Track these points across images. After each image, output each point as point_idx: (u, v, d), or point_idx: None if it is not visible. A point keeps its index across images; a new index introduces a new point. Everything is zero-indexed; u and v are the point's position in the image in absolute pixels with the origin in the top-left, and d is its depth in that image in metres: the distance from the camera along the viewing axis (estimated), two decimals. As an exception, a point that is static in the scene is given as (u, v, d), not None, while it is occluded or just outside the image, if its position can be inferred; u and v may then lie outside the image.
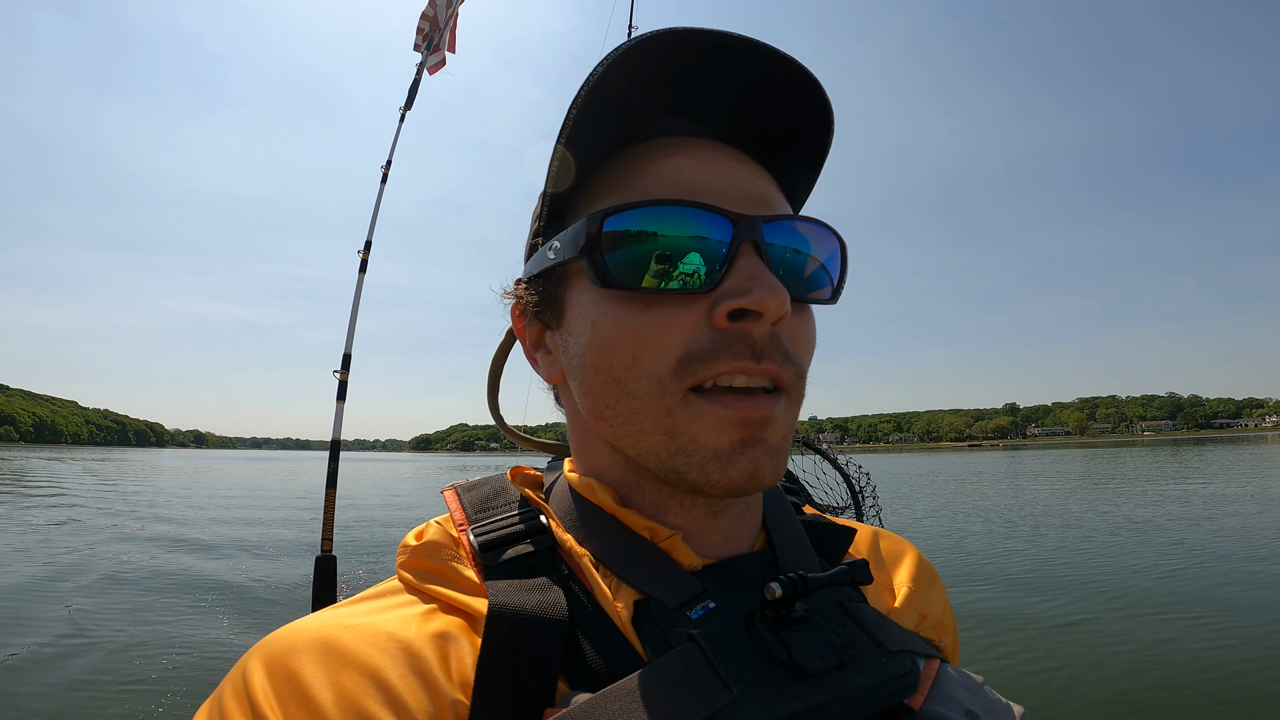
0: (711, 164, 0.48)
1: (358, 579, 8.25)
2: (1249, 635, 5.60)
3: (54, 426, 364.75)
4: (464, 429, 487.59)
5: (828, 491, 2.80)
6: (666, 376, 0.44)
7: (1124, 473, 28.83)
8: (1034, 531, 11.82)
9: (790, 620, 0.42)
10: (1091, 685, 4.74)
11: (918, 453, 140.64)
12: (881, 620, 0.47)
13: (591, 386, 0.48)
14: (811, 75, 0.47)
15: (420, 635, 0.42)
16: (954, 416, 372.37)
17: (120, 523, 13.93)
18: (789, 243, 0.47)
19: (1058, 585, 7.64)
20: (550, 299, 0.52)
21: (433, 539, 0.49)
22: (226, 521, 14.91)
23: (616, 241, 0.44)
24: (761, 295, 0.42)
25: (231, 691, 0.41)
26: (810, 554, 0.52)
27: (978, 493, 20.87)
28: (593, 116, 0.46)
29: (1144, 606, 6.64)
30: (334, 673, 0.39)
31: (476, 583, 0.45)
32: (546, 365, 0.54)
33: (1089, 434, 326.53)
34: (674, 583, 0.44)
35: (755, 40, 0.45)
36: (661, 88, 0.47)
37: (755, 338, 0.43)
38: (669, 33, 0.43)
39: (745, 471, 0.43)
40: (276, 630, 0.44)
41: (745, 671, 0.39)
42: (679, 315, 0.44)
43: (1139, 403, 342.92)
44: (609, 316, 0.46)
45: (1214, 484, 20.49)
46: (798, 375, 0.47)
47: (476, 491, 0.54)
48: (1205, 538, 10.42)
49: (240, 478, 35.47)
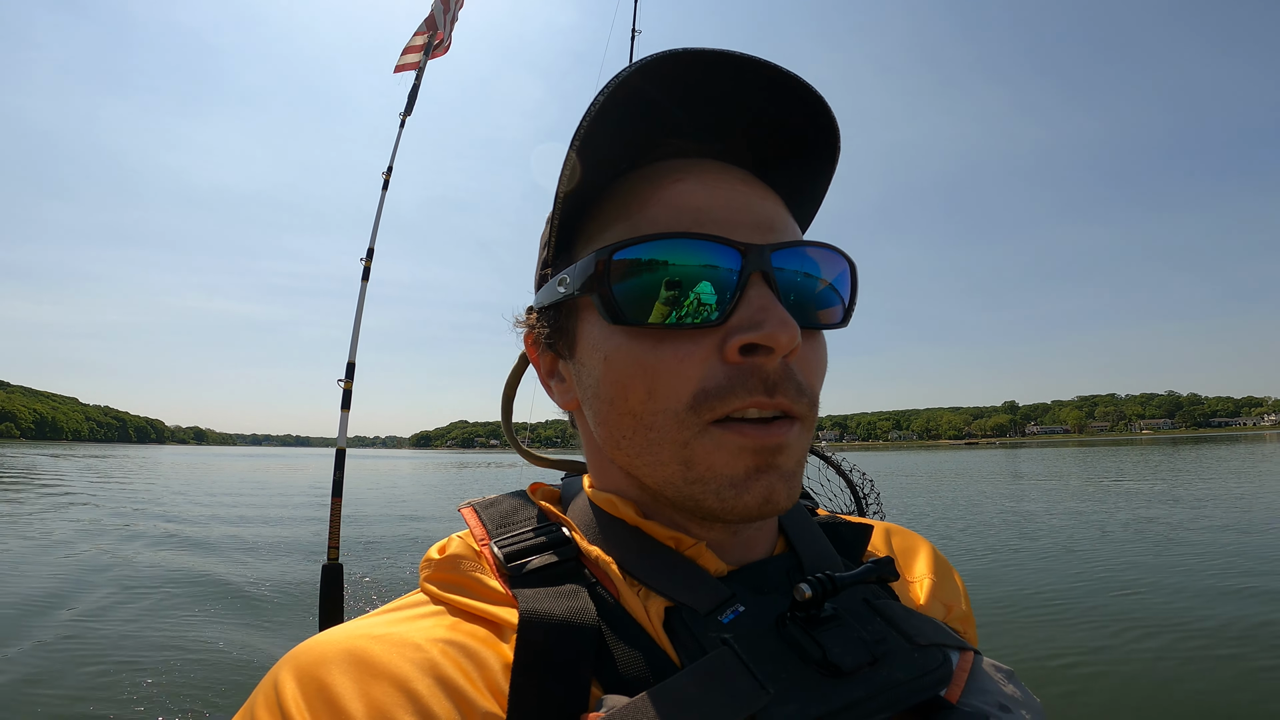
0: (720, 188, 0.48)
1: (362, 584, 8.26)
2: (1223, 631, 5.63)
3: (55, 423, 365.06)
4: (464, 426, 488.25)
5: (832, 497, 2.82)
6: (683, 411, 0.44)
7: (1111, 471, 28.86)
8: (1026, 532, 11.86)
9: (820, 620, 0.42)
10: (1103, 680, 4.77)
11: (916, 450, 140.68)
12: (909, 615, 0.47)
13: (607, 418, 0.48)
14: (818, 94, 0.47)
15: (448, 645, 0.42)
16: (953, 414, 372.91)
17: (121, 521, 13.91)
18: (798, 268, 0.47)
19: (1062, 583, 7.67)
20: (562, 330, 0.52)
21: (456, 552, 0.49)
22: (228, 520, 14.89)
23: (625, 275, 0.45)
24: (772, 330, 0.42)
25: (264, 703, 0.41)
26: (832, 554, 0.53)
27: (974, 492, 20.90)
28: (602, 134, 0.46)
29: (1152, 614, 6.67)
30: (365, 684, 0.39)
31: (503, 592, 0.46)
32: (561, 393, 0.55)
33: (1087, 432, 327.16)
34: (703, 588, 0.45)
35: (761, 59, 0.45)
36: (669, 107, 0.47)
37: (768, 372, 0.44)
38: (673, 53, 0.43)
39: (760, 497, 0.44)
40: (305, 641, 0.44)
41: (780, 672, 0.39)
42: (691, 350, 0.44)
43: (1138, 401, 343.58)
44: (621, 351, 0.46)
45: (1203, 484, 20.51)
46: (810, 405, 0.47)
47: (495, 508, 0.54)
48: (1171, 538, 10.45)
49: (241, 475, 35.40)
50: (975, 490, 21.68)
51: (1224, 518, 12.46)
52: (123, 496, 19.92)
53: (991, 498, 18.72)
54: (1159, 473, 26.80)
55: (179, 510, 16.62)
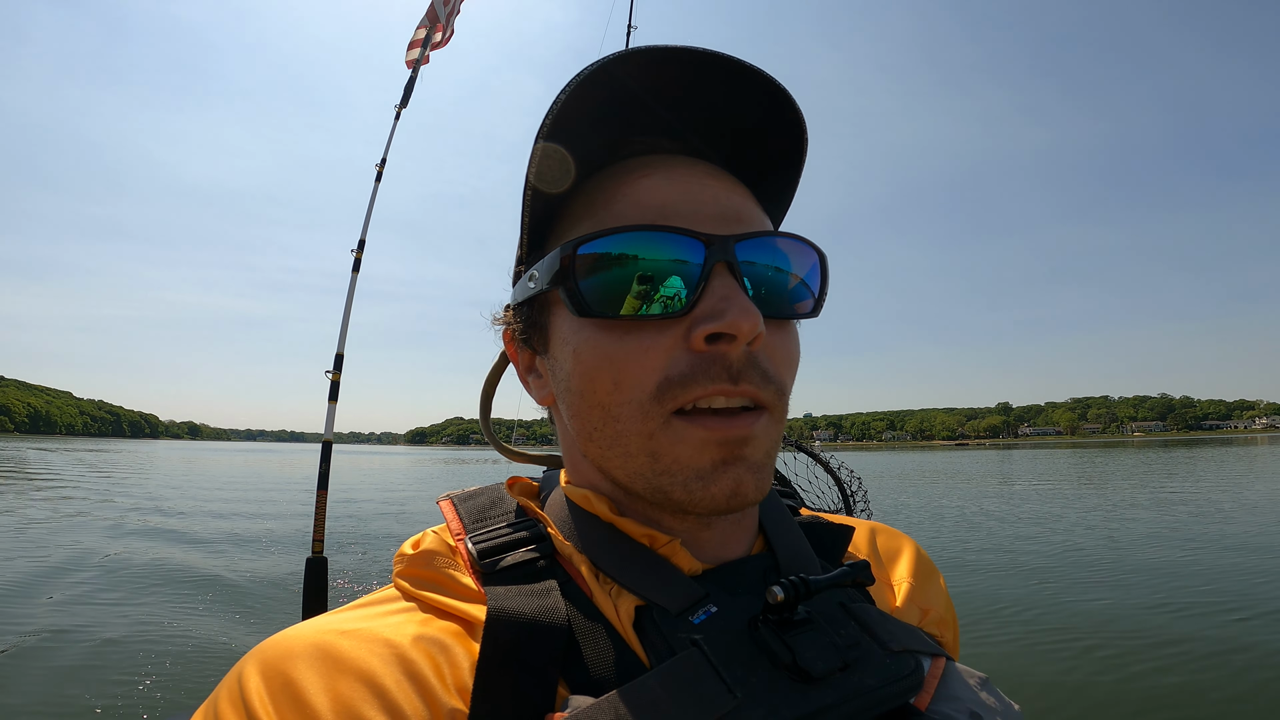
0: (686, 182, 0.48)
1: (349, 578, 8.25)
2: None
3: (48, 417, 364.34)
4: (459, 422, 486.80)
5: (820, 495, 2.82)
6: (648, 401, 0.44)
7: (1099, 473, 29.04)
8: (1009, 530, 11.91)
9: (793, 623, 0.42)
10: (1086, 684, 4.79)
11: (909, 451, 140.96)
12: (884, 620, 0.47)
13: (578, 411, 0.49)
14: (782, 87, 0.48)
15: (417, 641, 0.42)
16: (947, 415, 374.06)
17: (113, 515, 13.86)
18: (765, 259, 0.47)
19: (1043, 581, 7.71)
20: (535, 326, 0.52)
21: (429, 547, 0.49)
22: (217, 514, 14.87)
23: (590, 269, 0.45)
24: (734, 318, 0.43)
25: (227, 697, 0.41)
26: (810, 555, 0.52)
27: (952, 493, 20.98)
28: (568, 132, 0.46)
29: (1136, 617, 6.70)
30: (331, 679, 0.39)
31: (475, 590, 0.46)
32: (538, 389, 0.55)
33: (1079, 434, 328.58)
34: (675, 588, 0.44)
35: (725, 55, 0.45)
36: (635, 106, 0.47)
37: (731, 360, 0.44)
38: (636, 50, 0.44)
39: (728, 489, 0.44)
40: (271, 636, 0.43)
41: (749, 676, 0.39)
42: (656, 340, 0.45)
43: (1131, 403, 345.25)
44: (589, 343, 0.46)
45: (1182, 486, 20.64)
46: (778, 393, 0.47)
47: (473, 501, 0.55)
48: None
49: (234, 469, 35.35)
50: (945, 489, 21.77)
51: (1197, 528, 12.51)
52: (115, 490, 19.83)
53: (963, 498, 18.82)
54: (1141, 476, 26.92)
55: (170, 504, 16.57)
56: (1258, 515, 13.12)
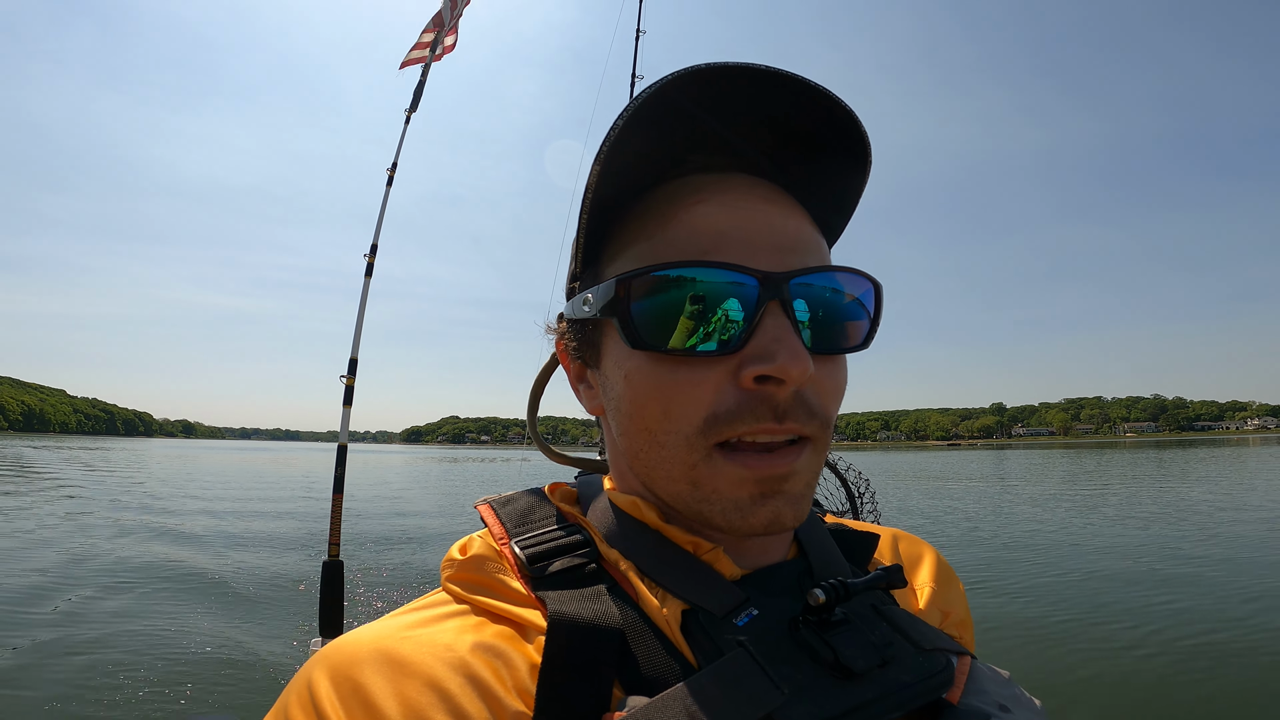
0: (741, 209, 0.48)
1: (360, 578, 8.27)
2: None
3: (43, 415, 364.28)
4: (454, 421, 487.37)
5: (827, 497, 2.87)
6: (694, 434, 0.46)
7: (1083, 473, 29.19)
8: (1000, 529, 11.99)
9: (831, 624, 0.44)
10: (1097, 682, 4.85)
11: (902, 451, 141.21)
12: (913, 620, 0.48)
13: (626, 431, 0.50)
14: (848, 108, 0.47)
15: (476, 646, 0.43)
16: (941, 415, 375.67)
17: (113, 514, 13.81)
18: (820, 294, 0.47)
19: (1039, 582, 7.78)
20: (589, 342, 0.54)
21: (479, 552, 0.50)
22: (221, 515, 14.84)
23: (643, 301, 0.46)
24: (784, 362, 0.43)
25: (298, 702, 0.41)
26: (841, 561, 0.54)
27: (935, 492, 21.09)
28: (626, 149, 0.46)
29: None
30: (398, 683, 0.40)
31: (525, 594, 0.47)
32: (589, 399, 0.57)
33: (1072, 434, 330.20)
34: (719, 592, 0.46)
35: (786, 72, 0.45)
36: (693, 123, 0.47)
37: (779, 400, 0.45)
38: (699, 69, 0.44)
39: (765, 520, 0.46)
40: (334, 640, 0.44)
41: (794, 673, 0.41)
42: (706, 375, 0.45)
43: (1124, 404, 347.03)
44: (640, 372, 0.47)
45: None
46: (823, 426, 0.48)
47: (512, 506, 0.55)
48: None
49: (235, 468, 35.23)
50: (932, 491, 21.87)
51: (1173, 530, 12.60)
52: (116, 490, 19.75)
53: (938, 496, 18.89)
54: (1133, 478, 27.08)
55: (172, 505, 16.49)
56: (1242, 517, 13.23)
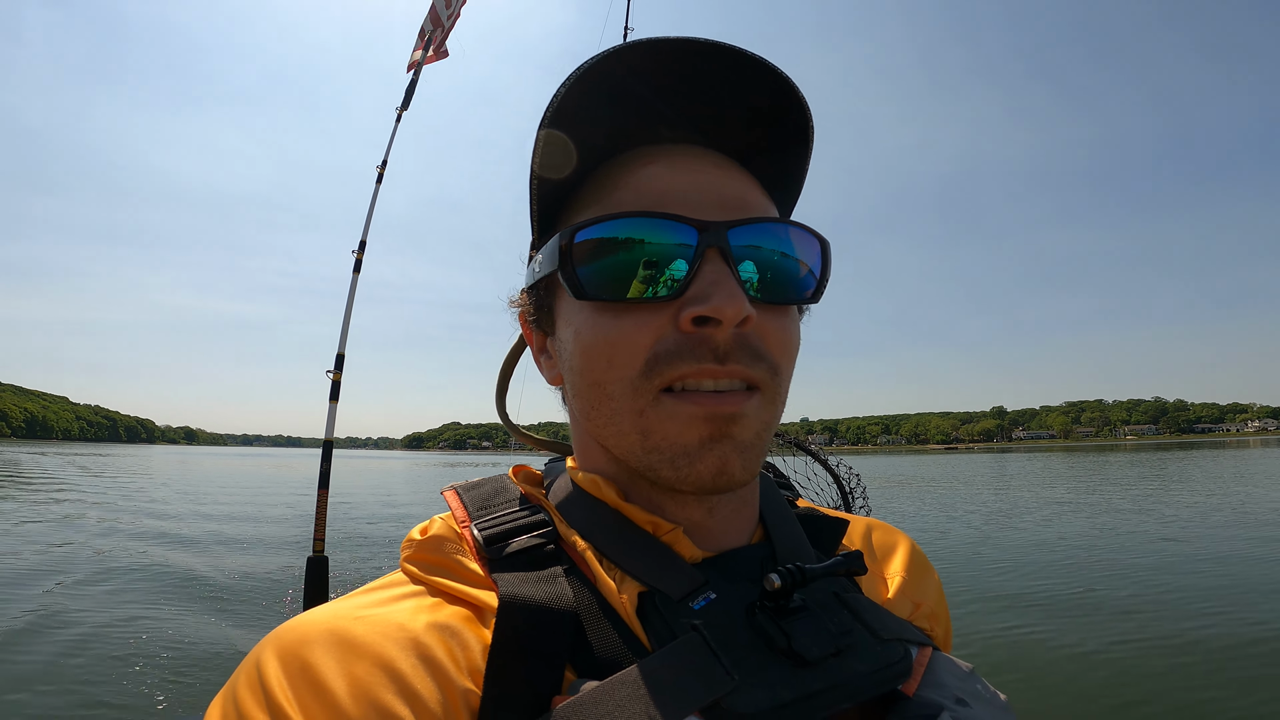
0: (687, 170, 0.49)
1: (350, 578, 8.26)
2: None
3: (45, 422, 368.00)
4: (456, 427, 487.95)
5: (819, 492, 2.85)
6: (637, 378, 0.46)
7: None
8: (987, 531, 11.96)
9: (789, 610, 0.43)
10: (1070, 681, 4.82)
11: (901, 455, 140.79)
12: (875, 609, 0.48)
13: (579, 389, 0.51)
14: (782, 72, 0.48)
15: (429, 626, 0.42)
16: (941, 419, 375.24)
17: (113, 517, 13.83)
18: (763, 244, 0.48)
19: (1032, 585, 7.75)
20: (544, 308, 0.55)
21: (438, 533, 0.50)
22: (214, 516, 14.88)
23: (587, 255, 0.47)
24: (718, 302, 0.44)
25: (246, 683, 0.41)
26: (806, 546, 0.54)
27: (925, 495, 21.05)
28: (574, 120, 0.48)
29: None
30: (347, 663, 0.40)
31: (482, 575, 0.47)
32: (548, 369, 0.57)
33: (1073, 437, 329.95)
34: (676, 575, 0.46)
35: (724, 43, 0.46)
36: (638, 96, 0.49)
37: (718, 341, 0.45)
38: (637, 42, 0.45)
39: (714, 467, 0.45)
40: (286, 622, 0.44)
41: (747, 659, 0.41)
42: (649, 321, 0.46)
43: (1125, 407, 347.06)
44: (588, 324, 0.48)
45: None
46: (771, 371, 0.48)
47: (477, 490, 0.55)
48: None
49: (236, 473, 35.33)
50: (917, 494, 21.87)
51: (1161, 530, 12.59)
52: (118, 493, 19.79)
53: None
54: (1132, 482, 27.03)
55: (169, 507, 16.52)
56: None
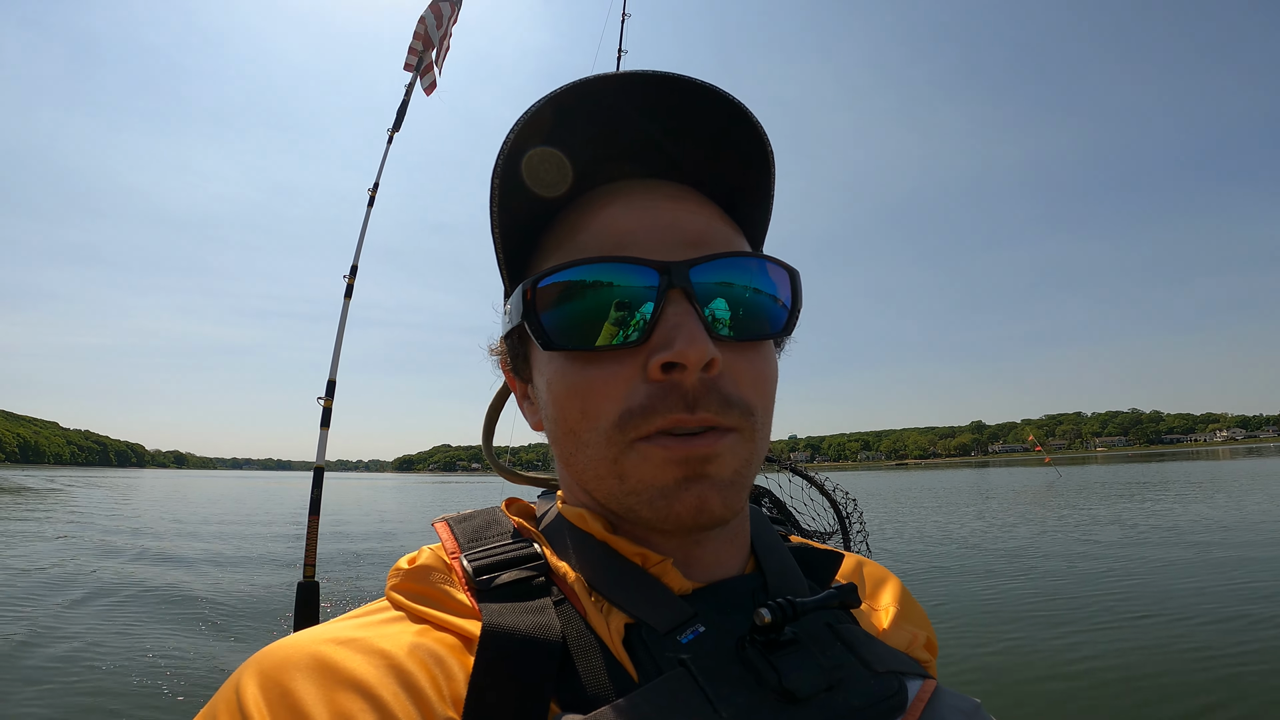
0: (645, 208, 0.48)
1: (337, 601, 8.18)
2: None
3: (37, 447, 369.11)
4: (446, 450, 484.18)
5: (815, 517, 2.85)
6: (612, 430, 0.45)
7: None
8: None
9: (780, 644, 0.42)
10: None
11: (877, 471, 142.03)
12: (870, 641, 0.47)
13: (555, 437, 0.51)
14: (735, 99, 0.48)
15: (413, 654, 0.42)
16: (920, 435, 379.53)
17: (105, 539, 13.83)
18: (729, 280, 0.47)
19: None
20: (519, 355, 0.55)
21: (425, 563, 0.50)
22: (205, 538, 14.89)
23: (551, 304, 0.46)
24: (681, 346, 0.43)
25: (224, 708, 0.40)
26: (799, 577, 0.53)
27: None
28: (524, 168, 0.47)
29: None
30: (328, 690, 0.39)
31: (469, 605, 0.46)
32: (530, 414, 0.57)
33: (1046, 449, 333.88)
34: (664, 607, 0.45)
35: (673, 74, 0.46)
36: (594, 135, 0.48)
37: (686, 388, 0.44)
38: (579, 82, 0.45)
39: (692, 506, 0.45)
40: (267, 646, 0.43)
41: (735, 696, 0.39)
42: (617, 371, 0.46)
43: (1101, 419, 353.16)
44: (558, 374, 0.48)
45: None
46: (744, 414, 0.47)
47: (469, 523, 0.55)
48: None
49: (227, 497, 35.11)
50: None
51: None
52: (109, 517, 19.63)
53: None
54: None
55: (159, 529, 16.46)
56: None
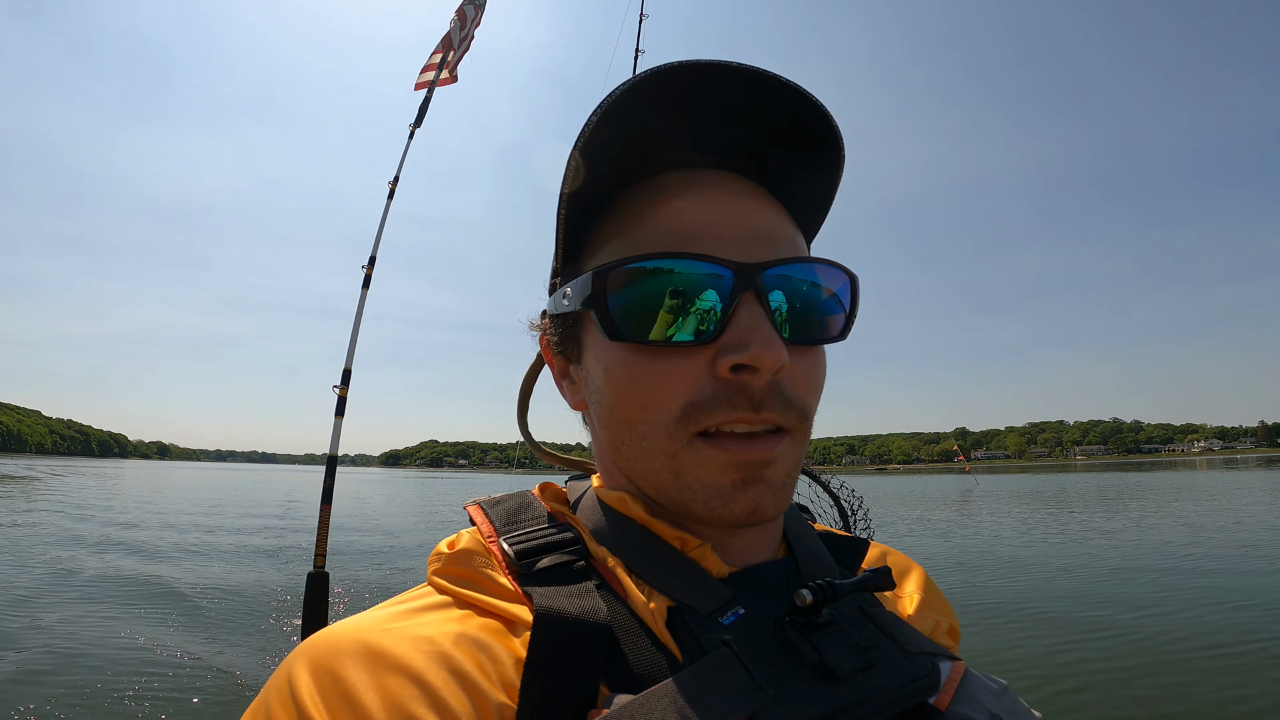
0: (717, 203, 0.48)
1: (336, 597, 8.26)
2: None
3: (19, 436, 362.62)
4: (433, 445, 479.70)
5: (820, 515, 2.94)
6: (672, 423, 0.46)
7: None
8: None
9: (817, 625, 0.44)
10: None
11: (861, 475, 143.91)
12: (900, 624, 0.49)
13: (607, 424, 0.51)
14: (820, 104, 0.48)
15: (460, 639, 0.42)
16: (904, 440, 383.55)
17: (92, 530, 13.70)
18: (795, 284, 0.48)
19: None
20: (570, 337, 0.55)
21: (466, 547, 0.50)
22: (202, 529, 14.82)
23: (620, 294, 0.47)
24: (757, 350, 0.44)
25: (277, 698, 0.41)
26: (830, 562, 0.54)
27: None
28: (600, 149, 0.47)
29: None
30: (379, 676, 0.39)
31: (512, 589, 0.46)
32: (571, 394, 0.58)
33: (1027, 457, 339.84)
34: (705, 590, 0.46)
35: (752, 67, 0.46)
36: (672, 119, 0.48)
37: (754, 390, 0.45)
38: (666, 67, 0.44)
39: (746, 508, 0.46)
40: (315, 634, 0.44)
41: (778, 674, 0.41)
42: (683, 366, 0.46)
43: (1083, 427, 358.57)
44: (619, 364, 0.48)
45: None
46: (800, 418, 0.48)
47: (502, 506, 0.55)
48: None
49: (217, 488, 34.78)
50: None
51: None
52: (99, 508, 19.34)
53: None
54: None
55: (155, 521, 16.29)
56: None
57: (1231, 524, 15.45)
